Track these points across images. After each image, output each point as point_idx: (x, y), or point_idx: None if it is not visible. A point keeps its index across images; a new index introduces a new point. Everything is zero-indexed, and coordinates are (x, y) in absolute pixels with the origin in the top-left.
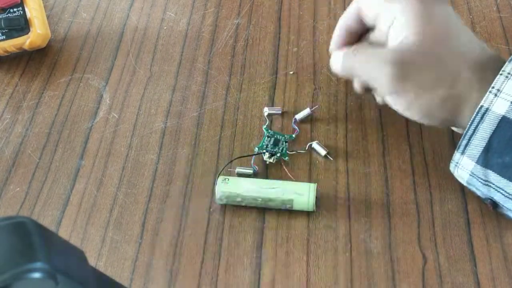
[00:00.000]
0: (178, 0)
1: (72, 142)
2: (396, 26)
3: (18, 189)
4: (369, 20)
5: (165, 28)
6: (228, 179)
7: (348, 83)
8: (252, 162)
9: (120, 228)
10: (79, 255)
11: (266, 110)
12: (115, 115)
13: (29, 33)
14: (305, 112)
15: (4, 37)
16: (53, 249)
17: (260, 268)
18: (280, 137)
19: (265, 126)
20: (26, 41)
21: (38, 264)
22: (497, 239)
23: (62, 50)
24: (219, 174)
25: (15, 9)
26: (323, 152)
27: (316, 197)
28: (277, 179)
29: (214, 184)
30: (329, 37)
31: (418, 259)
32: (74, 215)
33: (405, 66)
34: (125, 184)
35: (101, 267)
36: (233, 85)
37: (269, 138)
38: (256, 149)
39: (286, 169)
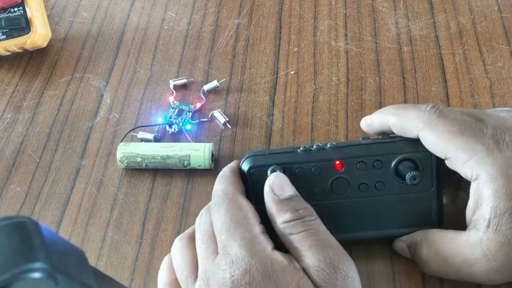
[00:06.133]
0: (179, 0)
1: (72, 142)
2: (482, 191)
3: (19, 188)
4: (434, 152)
5: (165, 27)
6: (130, 143)
7: (348, 82)
8: (155, 130)
9: (120, 228)
10: (79, 255)
11: (171, 82)
12: (115, 115)
13: (30, 33)
14: (213, 83)
15: (5, 36)
16: (53, 249)
17: None
18: (185, 107)
19: (171, 98)
20: (26, 41)
21: (38, 264)
22: None
23: (63, 50)
24: (121, 141)
25: (15, 9)
26: (222, 119)
27: (213, 156)
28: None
29: (214, 184)
30: (330, 37)
31: None
32: (75, 215)
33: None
34: (125, 184)
35: (101, 267)
36: (234, 85)
37: (173, 109)
38: (161, 119)
39: (187, 135)
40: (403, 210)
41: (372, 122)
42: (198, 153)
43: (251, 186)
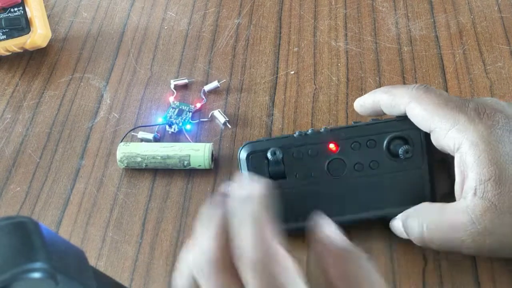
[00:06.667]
0: (179, 0)
1: (72, 142)
2: (465, 160)
3: (19, 188)
4: (420, 124)
5: (165, 27)
6: (130, 143)
7: (348, 82)
8: (155, 130)
9: (120, 228)
10: (79, 255)
11: (172, 82)
12: (115, 115)
13: (30, 33)
14: (214, 84)
15: (5, 36)
16: (53, 249)
17: None
18: (185, 107)
19: (171, 98)
20: (26, 41)
21: (38, 264)
22: None
23: (63, 50)
24: (121, 141)
25: (15, 9)
26: (222, 119)
27: (213, 156)
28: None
29: (214, 184)
30: (330, 37)
31: (418, 260)
32: (74, 215)
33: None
34: (125, 184)
35: (101, 267)
36: (234, 85)
37: (173, 109)
38: (161, 119)
39: (187, 135)
40: (397, 189)
41: (365, 102)
42: (198, 153)
43: (251, 172)
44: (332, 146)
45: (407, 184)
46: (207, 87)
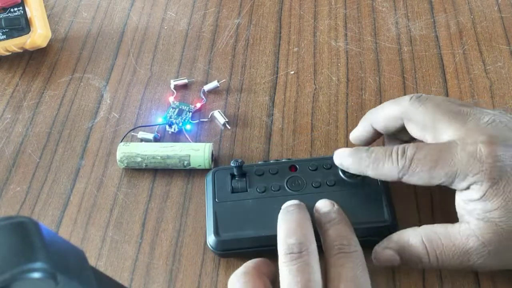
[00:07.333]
0: (179, 0)
1: (72, 141)
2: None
3: (19, 188)
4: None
5: (165, 27)
6: (130, 143)
7: (348, 82)
8: (155, 130)
9: (120, 228)
10: (79, 255)
11: (172, 82)
12: (115, 114)
13: (30, 33)
14: (213, 84)
15: (5, 36)
16: (53, 249)
17: None
18: (185, 107)
19: (171, 98)
20: (26, 41)
21: (38, 264)
22: None
23: (63, 50)
24: (121, 141)
25: (15, 9)
26: (222, 120)
27: (213, 156)
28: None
29: None
30: (330, 37)
31: None
32: (74, 215)
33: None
34: (125, 184)
35: (101, 267)
36: (234, 85)
37: (173, 109)
38: (161, 119)
39: (187, 135)
40: (356, 206)
41: (357, 130)
42: (198, 153)
43: (215, 187)
44: (291, 167)
45: (365, 202)
46: (207, 87)
